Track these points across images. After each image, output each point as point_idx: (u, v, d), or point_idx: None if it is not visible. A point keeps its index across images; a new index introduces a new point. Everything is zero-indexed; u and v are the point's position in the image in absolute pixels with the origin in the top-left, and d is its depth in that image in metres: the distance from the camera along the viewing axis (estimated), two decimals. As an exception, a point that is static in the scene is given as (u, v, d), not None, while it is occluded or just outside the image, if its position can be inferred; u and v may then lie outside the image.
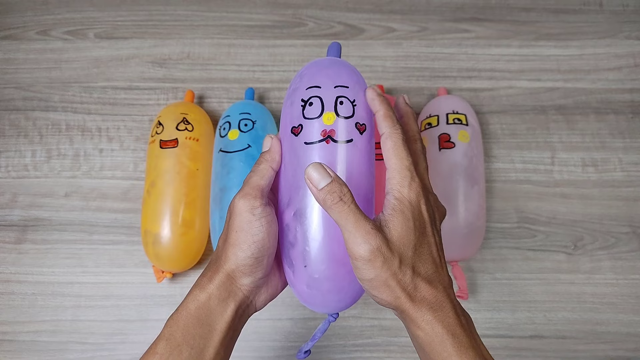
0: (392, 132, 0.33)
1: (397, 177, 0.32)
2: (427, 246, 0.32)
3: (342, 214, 0.30)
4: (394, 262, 0.30)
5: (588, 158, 0.62)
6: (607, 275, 0.58)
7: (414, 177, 0.32)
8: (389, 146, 0.33)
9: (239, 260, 0.33)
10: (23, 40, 0.67)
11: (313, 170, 0.31)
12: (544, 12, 0.68)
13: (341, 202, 0.30)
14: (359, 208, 0.31)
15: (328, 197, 0.30)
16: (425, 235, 0.32)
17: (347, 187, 0.31)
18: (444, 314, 0.31)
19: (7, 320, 0.56)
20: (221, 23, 0.68)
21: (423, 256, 0.31)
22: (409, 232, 0.31)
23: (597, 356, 0.55)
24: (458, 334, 0.31)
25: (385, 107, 0.34)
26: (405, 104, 0.40)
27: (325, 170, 0.31)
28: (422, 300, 0.31)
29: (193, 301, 0.33)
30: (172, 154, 0.54)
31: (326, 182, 0.30)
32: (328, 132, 0.33)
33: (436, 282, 0.31)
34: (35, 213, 0.60)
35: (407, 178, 0.32)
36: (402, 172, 0.32)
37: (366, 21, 0.68)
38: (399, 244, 0.31)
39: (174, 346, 0.32)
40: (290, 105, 0.35)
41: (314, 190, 0.31)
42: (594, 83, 0.65)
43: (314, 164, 0.31)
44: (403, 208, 0.31)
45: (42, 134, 0.63)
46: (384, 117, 0.34)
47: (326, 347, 0.55)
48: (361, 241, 0.30)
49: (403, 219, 0.31)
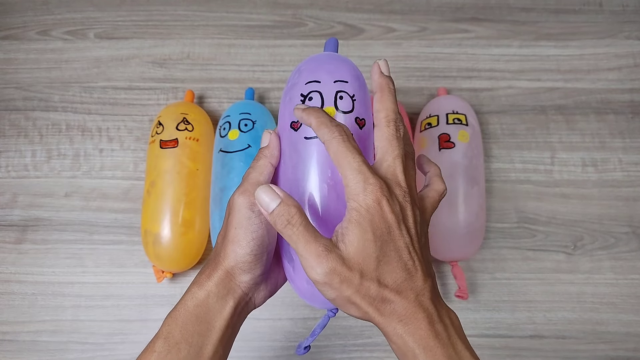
0: (330, 139, 0.30)
1: (350, 184, 0.29)
2: (395, 252, 0.29)
3: (292, 237, 0.29)
4: (354, 279, 0.28)
5: (588, 158, 0.62)
6: (607, 275, 0.58)
7: (368, 179, 0.29)
8: (332, 155, 0.30)
9: (238, 257, 0.33)
10: (23, 40, 0.67)
11: (262, 193, 0.30)
12: (544, 12, 0.68)
13: (289, 225, 0.29)
14: (310, 228, 0.29)
15: (277, 220, 0.29)
16: (390, 240, 0.29)
17: (295, 208, 0.29)
18: (415, 326, 0.29)
19: (7, 320, 0.56)
20: (221, 23, 0.68)
21: (390, 265, 0.29)
22: (368, 245, 0.28)
23: (597, 356, 0.55)
24: (431, 346, 0.29)
25: (316, 116, 0.31)
26: (380, 74, 0.34)
27: (274, 192, 0.30)
28: (391, 312, 0.29)
29: (191, 299, 0.33)
30: (172, 154, 0.54)
31: (275, 204, 0.29)
32: None
33: (406, 291, 0.29)
34: (36, 213, 0.60)
35: (360, 182, 0.29)
36: (353, 177, 0.29)
37: (366, 21, 0.68)
38: (358, 259, 0.28)
39: (172, 344, 0.32)
40: (289, 100, 0.35)
41: (266, 214, 0.30)
42: (594, 83, 0.65)
43: (262, 186, 0.30)
44: (359, 218, 0.29)
45: (42, 134, 0.63)
46: (317, 126, 0.31)
47: (326, 347, 0.56)
48: (313, 264, 0.28)
49: (359, 231, 0.28)
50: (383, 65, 0.34)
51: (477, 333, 0.56)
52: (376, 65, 0.34)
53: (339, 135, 0.30)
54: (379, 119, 0.32)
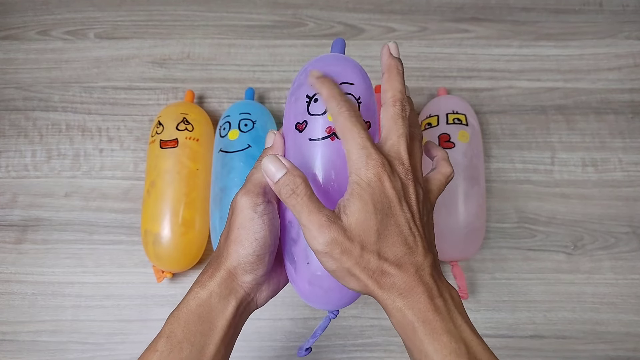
0: (338, 113, 0.31)
1: (353, 157, 0.30)
2: (395, 226, 0.29)
3: (296, 206, 0.29)
4: (355, 250, 0.29)
5: (588, 158, 0.62)
6: (607, 275, 0.58)
7: (371, 154, 0.29)
8: (338, 129, 0.31)
9: (241, 258, 0.33)
10: (23, 40, 0.67)
11: (269, 163, 0.30)
12: (544, 12, 0.68)
13: (294, 194, 0.29)
14: (314, 199, 0.29)
15: (282, 189, 0.30)
16: (391, 215, 0.29)
17: (301, 178, 0.30)
18: (415, 299, 0.29)
19: (7, 320, 0.56)
20: (221, 23, 0.68)
21: (390, 238, 0.29)
22: (369, 217, 0.29)
23: (597, 356, 0.55)
24: (430, 319, 0.29)
25: (327, 87, 0.32)
26: (390, 56, 0.34)
27: (280, 162, 0.30)
28: (391, 286, 0.29)
29: (194, 298, 0.33)
30: (172, 154, 0.54)
31: (281, 174, 0.30)
32: (333, 129, 0.33)
33: (406, 265, 0.29)
34: (36, 213, 0.60)
35: (363, 157, 0.29)
36: (356, 151, 0.30)
37: (366, 21, 0.68)
38: (359, 230, 0.29)
39: (174, 343, 0.32)
40: (294, 101, 0.35)
41: (271, 183, 0.31)
42: (594, 83, 0.65)
43: (269, 156, 0.31)
44: (360, 191, 0.29)
45: (42, 134, 0.63)
46: (327, 98, 0.31)
47: (326, 347, 0.56)
48: (316, 234, 0.29)
49: (361, 203, 0.29)
50: (393, 47, 0.34)
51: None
52: (386, 47, 0.34)
53: (347, 110, 0.31)
54: (386, 98, 0.33)
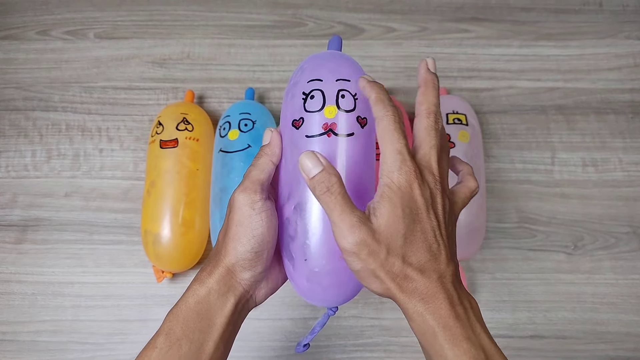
0: (382, 116, 0.31)
1: (388, 161, 0.31)
2: (421, 233, 0.30)
3: (330, 204, 0.30)
4: (381, 253, 0.29)
5: (588, 158, 0.62)
6: (607, 275, 0.58)
7: (405, 160, 0.30)
8: (379, 131, 0.32)
9: (239, 255, 0.33)
10: (23, 40, 0.67)
11: (306, 158, 0.31)
12: (544, 12, 0.68)
13: (328, 192, 0.30)
14: (347, 199, 0.30)
15: (317, 186, 0.30)
16: (418, 221, 0.30)
17: (336, 177, 0.30)
18: (436, 305, 0.30)
19: (7, 320, 0.56)
20: (221, 23, 0.68)
21: (415, 244, 0.30)
22: (397, 221, 0.29)
23: (597, 356, 0.55)
24: (451, 325, 0.29)
25: (377, 91, 0.33)
26: (427, 71, 0.35)
27: (318, 159, 0.31)
28: (413, 291, 0.30)
29: (192, 295, 0.33)
30: (172, 154, 0.54)
31: (317, 171, 0.30)
32: (329, 126, 0.33)
33: (429, 271, 0.30)
34: (36, 213, 0.60)
35: (397, 162, 0.30)
36: (392, 156, 0.30)
37: (366, 21, 0.68)
38: (386, 233, 0.29)
39: (173, 340, 0.32)
40: (291, 98, 0.35)
41: (306, 178, 0.31)
42: (594, 83, 0.65)
43: (307, 152, 0.31)
44: (391, 195, 0.30)
45: (42, 134, 0.63)
46: (375, 101, 0.32)
47: (326, 347, 0.55)
48: (346, 234, 0.29)
49: (391, 207, 0.30)
50: (431, 63, 0.35)
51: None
52: (424, 62, 0.35)
53: (392, 114, 0.31)
54: (420, 110, 0.33)
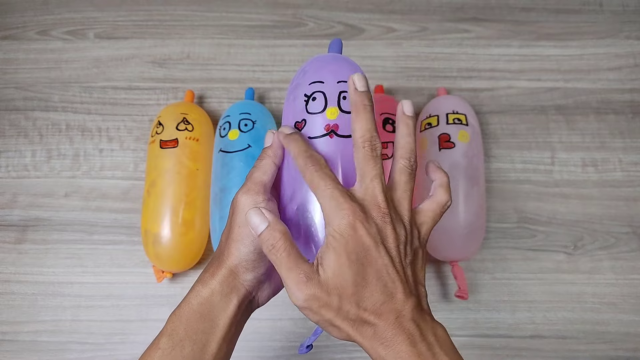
0: (304, 170, 0.31)
1: (325, 210, 0.30)
2: (373, 274, 0.29)
3: (276, 262, 0.30)
4: (333, 303, 0.29)
5: (588, 158, 0.62)
6: (607, 275, 0.58)
7: (340, 204, 0.29)
8: (308, 184, 0.31)
9: (242, 256, 0.33)
10: (23, 40, 0.67)
11: (252, 215, 0.31)
12: (544, 12, 0.68)
13: (274, 249, 0.30)
14: (293, 254, 0.30)
15: (264, 244, 0.30)
16: (367, 263, 0.29)
17: (281, 233, 0.30)
18: (397, 349, 0.29)
19: (7, 320, 0.56)
20: (221, 23, 0.68)
21: (368, 287, 0.29)
22: (344, 270, 0.29)
23: (597, 356, 0.55)
24: None
25: (294, 146, 0.32)
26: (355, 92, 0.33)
27: (263, 216, 0.31)
28: (372, 335, 0.29)
29: (195, 296, 0.33)
30: (172, 154, 0.54)
31: (263, 228, 0.30)
32: (331, 127, 0.33)
33: (386, 313, 0.29)
34: (35, 213, 0.60)
35: (333, 208, 0.30)
36: (326, 203, 0.30)
37: (366, 21, 0.68)
38: (335, 283, 0.29)
39: (176, 341, 0.32)
40: (293, 100, 0.36)
41: (255, 235, 0.31)
42: (594, 83, 0.65)
43: (252, 209, 0.31)
44: (335, 243, 0.29)
45: (42, 134, 0.63)
46: (294, 156, 0.32)
47: (326, 347, 0.55)
48: (294, 290, 0.29)
49: (335, 256, 0.29)
50: (358, 80, 0.33)
51: (477, 333, 0.56)
52: (350, 80, 0.33)
53: (312, 165, 0.31)
54: (355, 139, 0.32)
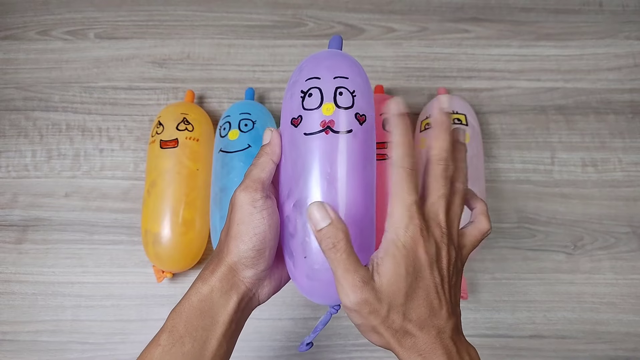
0: (399, 166, 0.31)
1: (395, 215, 0.30)
2: (423, 290, 0.30)
3: (334, 261, 0.30)
4: (382, 310, 0.29)
5: (588, 158, 0.62)
6: (607, 275, 0.58)
7: (413, 218, 0.30)
8: (393, 178, 0.31)
9: (241, 253, 0.33)
10: (23, 41, 0.67)
11: (315, 209, 0.31)
12: (544, 12, 0.68)
13: (334, 248, 0.30)
14: (352, 256, 0.30)
15: (323, 240, 0.30)
16: (421, 279, 0.30)
17: (343, 233, 0.30)
18: None
19: (7, 320, 0.56)
20: (221, 23, 0.68)
21: (416, 301, 0.30)
22: (399, 279, 0.30)
23: (597, 356, 0.55)
24: None
25: (400, 132, 0.31)
26: (441, 112, 0.33)
27: (326, 211, 0.30)
28: (412, 346, 0.30)
29: (195, 294, 0.33)
30: (173, 154, 0.54)
31: (325, 224, 0.30)
32: (327, 123, 0.33)
33: (429, 327, 0.30)
34: (36, 213, 0.60)
35: (405, 218, 0.30)
36: (400, 211, 0.30)
37: (366, 21, 0.68)
38: (388, 291, 0.30)
39: (176, 338, 0.32)
40: (290, 97, 0.36)
41: (314, 229, 0.31)
42: (594, 83, 0.65)
43: (316, 202, 0.31)
44: (396, 252, 0.30)
45: (42, 134, 0.63)
46: (396, 144, 0.31)
47: (326, 347, 0.56)
48: (348, 292, 0.29)
49: (394, 265, 0.30)
50: (445, 102, 0.34)
51: (477, 333, 0.56)
52: (438, 101, 0.34)
53: (408, 166, 0.31)
54: (431, 156, 0.33)
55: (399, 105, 0.32)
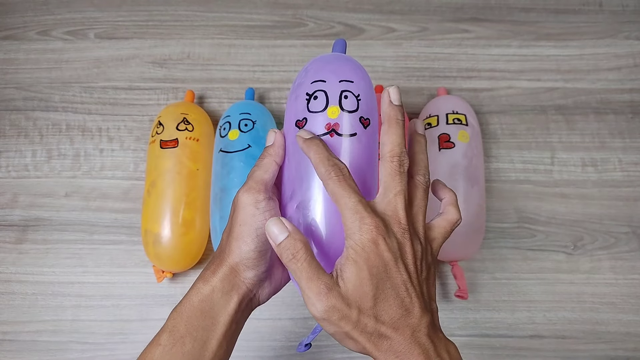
0: (326, 178, 0.31)
1: (347, 222, 0.30)
2: (391, 289, 0.30)
3: (296, 272, 0.30)
4: (352, 315, 0.29)
5: (588, 158, 0.62)
6: (607, 275, 0.58)
7: (364, 218, 0.29)
8: (329, 193, 0.31)
9: (243, 254, 0.33)
10: (23, 41, 0.67)
11: (272, 225, 0.30)
12: (543, 12, 0.68)
13: (294, 259, 0.29)
14: (313, 265, 0.30)
15: (283, 253, 0.30)
16: (387, 278, 0.30)
17: (302, 243, 0.30)
18: None
19: (7, 320, 0.56)
20: (221, 23, 0.68)
21: (386, 301, 0.29)
22: (364, 283, 0.29)
23: (597, 356, 0.55)
24: None
25: (314, 150, 0.31)
26: (389, 105, 0.33)
27: (283, 225, 0.30)
28: (388, 349, 0.30)
29: (196, 294, 0.34)
30: (173, 154, 0.54)
31: (283, 237, 0.30)
32: (332, 126, 0.33)
33: (403, 327, 0.30)
34: (36, 213, 0.60)
35: (356, 221, 0.29)
36: (349, 216, 0.30)
37: (366, 21, 0.68)
38: (355, 295, 0.29)
39: (177, 338, 0.32)
40: (295, 99, 0.36)
41: (273, 245, 0.31)
42: (593, 83, 0.65)
43: (272, 219, 0.31)
44: (356, 256, 0.29)
45: (42, 134, 0.63)
46: (315, 164, 0.31)
47: (326, 347, 0.56)
48: (314, 301, 0.29)
49: (356, 269, 0.29)
50: (393, 93, 0.33)
51: (477, 333, 0.56)
52: (386, 92, 0.34)
53: (335, 175, 0.30)
54: (384, 153, 0.32)
55: (304, 132, 0.33)
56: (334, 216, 0.33)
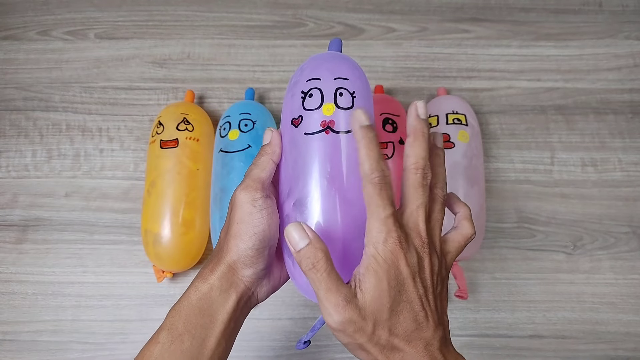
0: (369, 180, 0.30)
1: (373, 231, 0.30)
2: (407, 303, 0.30)
3: (315, 281, 0.29)
4: (368, 328, 0.29)
5: (587, 158, 0.62)
6: (607, 275, 0.58)
7: (391, 231, 0.30)
8: (365, 194, 0.31)
9: (241, 252, 0.33)
10: (23, 41, 0.67)
11: (293, 230, 0.30)
12: (543, 12, 0.68)
13: (314, 269, 0.29)
14: (333, 275, 0.29)
15: (303, 261, 0.30)
16: (404, 292, 0.30)
17: (323, 252, 0.30)
18: None
19: (7, 320, 0.56)
20: (221, 23, 0.68)
21: (401, 315, 0.30)
22: (383, 294, 0.29)
23: (597, 356, 0.55)
24: None
25: (366, 145, 0.31)
26: (416, 118, 0.33)
27: (304, 232, 0.30)
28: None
29: (195, 292, 0.34)
30: (173, 154, 0.54)
31: (304, 245, 0.30)
32: (327, 123, 0.34)
33: (416, 341, 0.30)
34: (36, 213, 0.60)
35: (382, 233, 0.30)
36: (377, 226, 0.30)
37: (366, 21, 0.68)
38: (372, 308, 0.29)
39: (175, 335, 0.33)
40: (290, 97, 0.36)
41: (292, 250, 0.30)
42: (593, 83, 0.65)
43: (294, 223, 0.30)
44: (377, 267, 0.29)
45: (42, 134, 0.63)
46: (363, 157, 0.31)
47: (326, 346, 0.56)
48: (332, 312, 0.29)
49: (376, 281, 0.29)
50: (421, 107, 0.33)
51: (477, 333, 0.56)
52: (414, 106, 0.33)
53: (378, 181, 0.30)
54: (408, 164, 0.32)
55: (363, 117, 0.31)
56: (331, 214, 0.33)
